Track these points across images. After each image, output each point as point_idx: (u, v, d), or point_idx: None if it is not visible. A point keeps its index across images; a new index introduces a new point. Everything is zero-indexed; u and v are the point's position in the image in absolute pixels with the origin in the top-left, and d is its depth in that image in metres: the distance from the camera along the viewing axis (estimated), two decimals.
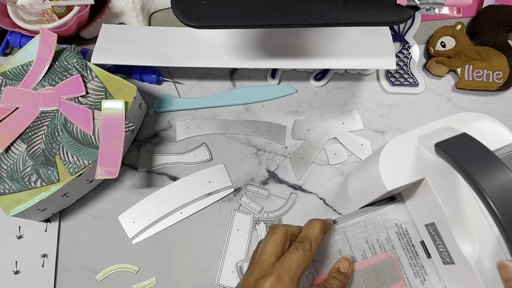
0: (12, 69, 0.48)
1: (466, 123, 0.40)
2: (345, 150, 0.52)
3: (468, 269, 0.38)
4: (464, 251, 0.38)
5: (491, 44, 0.55)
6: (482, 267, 0.37)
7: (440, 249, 0.42)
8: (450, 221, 0.39)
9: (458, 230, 0.39)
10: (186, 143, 0.53)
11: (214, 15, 0.40)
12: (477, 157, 0.33)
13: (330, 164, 0.52)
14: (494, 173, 0.31)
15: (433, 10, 0.42)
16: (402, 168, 0.39)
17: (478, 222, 0.38)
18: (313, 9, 0.40)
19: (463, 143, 0.35)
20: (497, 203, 0.30)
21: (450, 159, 0.34)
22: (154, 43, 0.51)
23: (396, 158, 0.40)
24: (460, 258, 0.39)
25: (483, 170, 0.31)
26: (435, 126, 0.41)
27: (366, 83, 0.56)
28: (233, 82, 0.56)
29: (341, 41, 0.50)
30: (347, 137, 0.53)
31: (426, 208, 0.43)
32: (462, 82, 0.54)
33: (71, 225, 0.49)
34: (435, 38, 0.56)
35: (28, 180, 0.44)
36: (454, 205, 0.39)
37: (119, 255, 0.48)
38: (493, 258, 0.37)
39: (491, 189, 0.30)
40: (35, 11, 0.52)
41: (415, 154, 0.39)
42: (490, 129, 0.40)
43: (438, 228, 0.41)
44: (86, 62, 0.49)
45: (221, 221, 0.49)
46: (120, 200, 0.50)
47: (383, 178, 0.39)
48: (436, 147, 0.36)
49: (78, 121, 0.46)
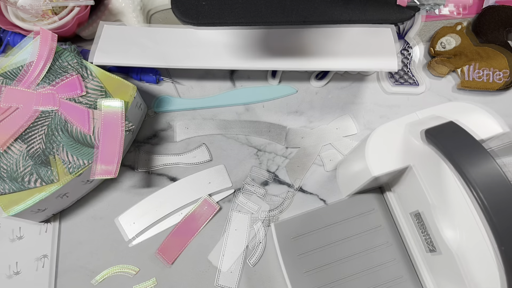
0: (12, 70, 0.48)
1: (454, 113, 0.40)
2: (341, 155, 0.52)
3: (450, 256, 0.38)
4: (447, 238, 0.38)
5: (492, 44, 0.55)
6: (464, 255, 0.37)
7: (425, 237, 0.42)
8: (433, 209, 0.39)
9: (441, 217, 0.39)
10: (186, 144, 0.53)
11: (214, 13, 0.40)
12: (462, 144, 0.33)
13: (326, 171, 0.51)
14: (479, 160, 0.31)
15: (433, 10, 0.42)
16: (388, 155, 0.40)
17: (461, 210, 0.38)
18: (313, 8, 0.40)
19: (450, 131, 0.35)
20: (482, 190, 0.30)
21: (437, 145, 0.34)
22: (154, 43, 0.51)
23: (383, 145, 0.40)
24: (443, 245, 0.39)
25: (468, 157, 0.32)
26: (422, 114, 0.41)
27: (367, 84, 0.56)
28: (233, 82, 0.56)
29: (342, 41, 0.50)
30: (342, 142, 0.53)
31: (411, 196, 0.43)
32: (463, 83, 0.54)
33: (71, 226, 0.49)
34: (436, 38, 0.56)
35: (28, 180, 0.44)
36: (438, 193, 0.39)
37: (119, 256, 0.48)
38: (475, 246, 0.37)
39: (476, 175, 0.31)
40: (35, 12, 0.52)
41: (402, 142, 0.40)
42: (477, 119, 0.40)
43: (422, 216, 0.42)
44: (85, 62, 0.49)
45: (221, 222, 0.49)
46: (119, 201, 0.50)
47: (369, 164, 0.39)
48: (425, 134, 0.36)
49: (77, 121, 0.46)
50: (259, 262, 0.47)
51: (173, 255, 0.48)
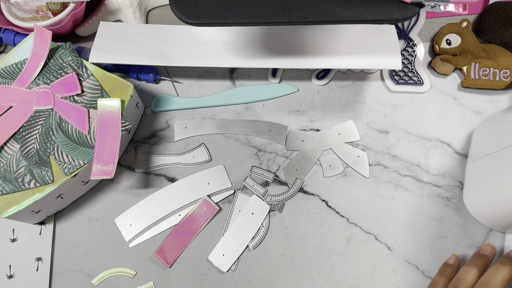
0: (6, 68, 0.48)
1: None
2: (341, 161, 0.51)
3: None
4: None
5: (498, 41, 0.54)
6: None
7: None
8: None
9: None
10: (185, 144, 0.52)
11: (214, 12, 0.39)
12: None
13: (325, 177, 0.50)
14: None
15: (438, 7, 0.41)
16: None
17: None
18: (315, 6, 0.40)
19: None
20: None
21: None
22: (153, 41, 0.51)
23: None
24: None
25: None
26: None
27: (370, 82, 0.55)
28: (233, 81, 0.55)
29: (345, 39, 0.50)
30: (343, 148, 0.51)
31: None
32: (468, 81, 0.53)
33: (66, 228, 0.48)
34: (440, 35, 0.55)
35: (22, 181, 0.43)
36: None
37: (116, 259, 0.47)
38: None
39: None
40: (29, 8, 0.51)
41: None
42: None
43: None
44: (81, 60, 0.48)
45: (221, 223, 0.48)
46: (116, 202, 0.49)
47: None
48: None
49: (73, 120, 0.45)
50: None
51: (172, 257, 0.47)
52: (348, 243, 0.47)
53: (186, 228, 0.48)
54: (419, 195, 0.49)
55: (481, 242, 0.47)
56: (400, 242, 0.47)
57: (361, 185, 0.50)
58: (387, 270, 0.46)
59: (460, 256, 0.45)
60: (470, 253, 0.47)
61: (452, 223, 0.48)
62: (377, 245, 0.47)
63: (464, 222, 0.48)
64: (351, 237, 0.48)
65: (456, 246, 0.47)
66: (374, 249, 0.47)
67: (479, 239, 0.47)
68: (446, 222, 0.48)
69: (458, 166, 0.50)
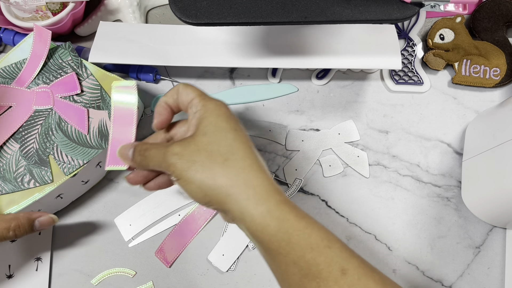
0: (6, 67, 0.48)
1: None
2: (341, 161, 0.51)
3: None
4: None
5: (490, 39, 0.54)
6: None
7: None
8: None
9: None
10: None
11: (213, 12, 0.39)
12: None
13: (324, 176, 0.50)
14: None
15: (438, 7, 0.41)
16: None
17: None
18: (315, 6, 0.40)
19: None
20: None
21: None
22: (153, 41, 0.51)
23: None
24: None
25: None
26: None
27: (370, 82, 0.55)
28: (232, 80, 0.55)
29: (344, 39, 0.50)
30: (343, 148, 0.51)
31: None
32: (459, 77, 0.53)
33: (66, 228, 0.48)
34: (434, 30, 0.54)
35: (21, 181, 0.43)
36: None
37: (115, 259, 0.47)
38: None
39: None
40: (29, 8, 0.51)
41: None
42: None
43: None
44: (81, 60, 0.48)
45: (220, 223, 0.48)
46: (116, 202, 0.49)
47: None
48: None
49: (73, 120, 0.45)
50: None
51: (171, 257, 0.47)
52: (348, 243, 0.47)
53: (186, 228, 0.48)
54: (419, 195, 0.49)
55: (481, 242, 0.47)
56: (400, 242, 0.47)
57: (361, 185, 0.50)
58: (387, 270, 0.46)
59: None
60: (470, 253, 0.47)
61: (452, 223, 0.48)
62: (377, 245, 0.47)
63: (464, 222, 0.48)
64: (351, 237, 0.48)
65: (456, 246, 0.47)
66: (374, 249, 0.47)
67: (479, 238, 0.47)
68: (446, 222, 0.48)
69: (458, 166, 0.50)
